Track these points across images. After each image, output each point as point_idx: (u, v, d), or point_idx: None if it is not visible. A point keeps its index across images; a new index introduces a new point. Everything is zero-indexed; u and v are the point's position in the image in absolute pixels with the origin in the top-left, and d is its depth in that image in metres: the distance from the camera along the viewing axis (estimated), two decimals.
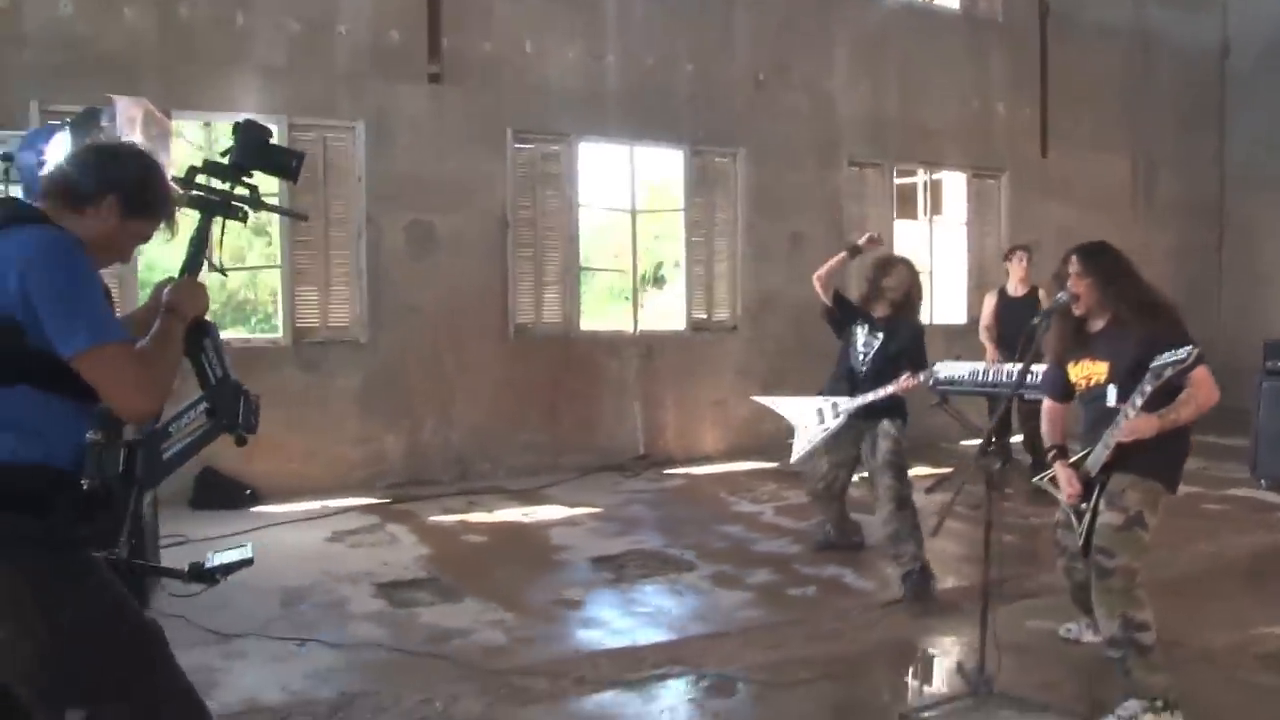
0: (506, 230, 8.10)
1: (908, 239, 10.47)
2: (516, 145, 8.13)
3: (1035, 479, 4.63)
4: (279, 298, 7.69)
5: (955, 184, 10.83)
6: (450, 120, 7.83)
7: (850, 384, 5.60)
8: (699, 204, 9.07)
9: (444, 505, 7.20)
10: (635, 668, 4.31)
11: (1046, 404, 4.41)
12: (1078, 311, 4.09)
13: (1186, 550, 6.13)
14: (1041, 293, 8.22)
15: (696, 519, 7.02)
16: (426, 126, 7.75)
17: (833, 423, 5.60)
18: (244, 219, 2.44)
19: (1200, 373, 3.78)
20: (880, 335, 5.57)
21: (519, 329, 8.25)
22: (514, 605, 5.11)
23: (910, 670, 4.56)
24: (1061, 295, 4.10)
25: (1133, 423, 3.73)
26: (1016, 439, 8.48)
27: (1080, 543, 4.08)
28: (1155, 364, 3.65)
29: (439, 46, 7.72)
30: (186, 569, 2.45)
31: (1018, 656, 4.14)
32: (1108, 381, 3.98)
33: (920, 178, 10.74)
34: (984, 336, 8.38)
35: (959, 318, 10.89)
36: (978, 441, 4.56)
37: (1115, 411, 3.87)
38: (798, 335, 9.52)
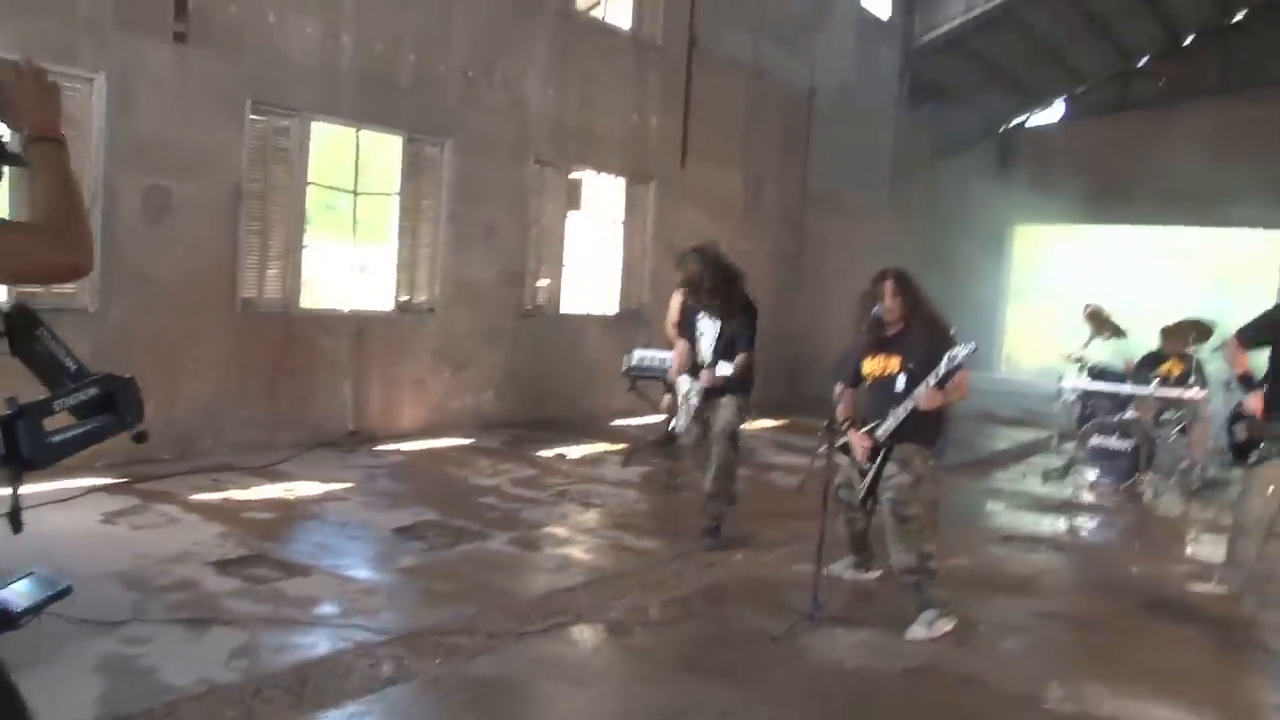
0: (239, 202, 7.93)
1: (576, 234, 11.46)
2: (253, 117, 7.96)
3: (818, 450, 5.92)
4: None
5: (616, 187, 11.97)
6: (194, 83, 7.52)
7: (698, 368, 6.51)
8: (410, 189, 9.37)
9: (190, 484, 6.99)
10: (530, 620, 4.87)
11: (840, 387, 5.62)
12: (888, 320, 5.32)
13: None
14: None
15: (448, 491, 7.48)
16: (170, 87, 7.39)
17: (694, 399, 6.47)
18: None
19: (963, 373, 5.16)
20: (718, 322, 6.47)
21: (245, 303, 8.10)
22: (365, 576, 5.39)
23: (748, 605, 5.46)
24: (878, 309, 5.30)
25: (929, 395, 5.05)
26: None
27: (861, 497, 5.39)
28: (950, 355, 4.98)
29: (185, 4, 7.39)
30: None
31: (804, 591, 5.26)
32: (898, 372, 5.27)
33: (584, 178, 11.78)
34: (671, 333, 9.47)
35: (612, 308, 12.10)
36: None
37: (903, 395, 5.16)
38: (486, 320, 10.19)
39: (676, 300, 9.49)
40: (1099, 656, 4.98)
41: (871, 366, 5.40)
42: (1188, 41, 19.77)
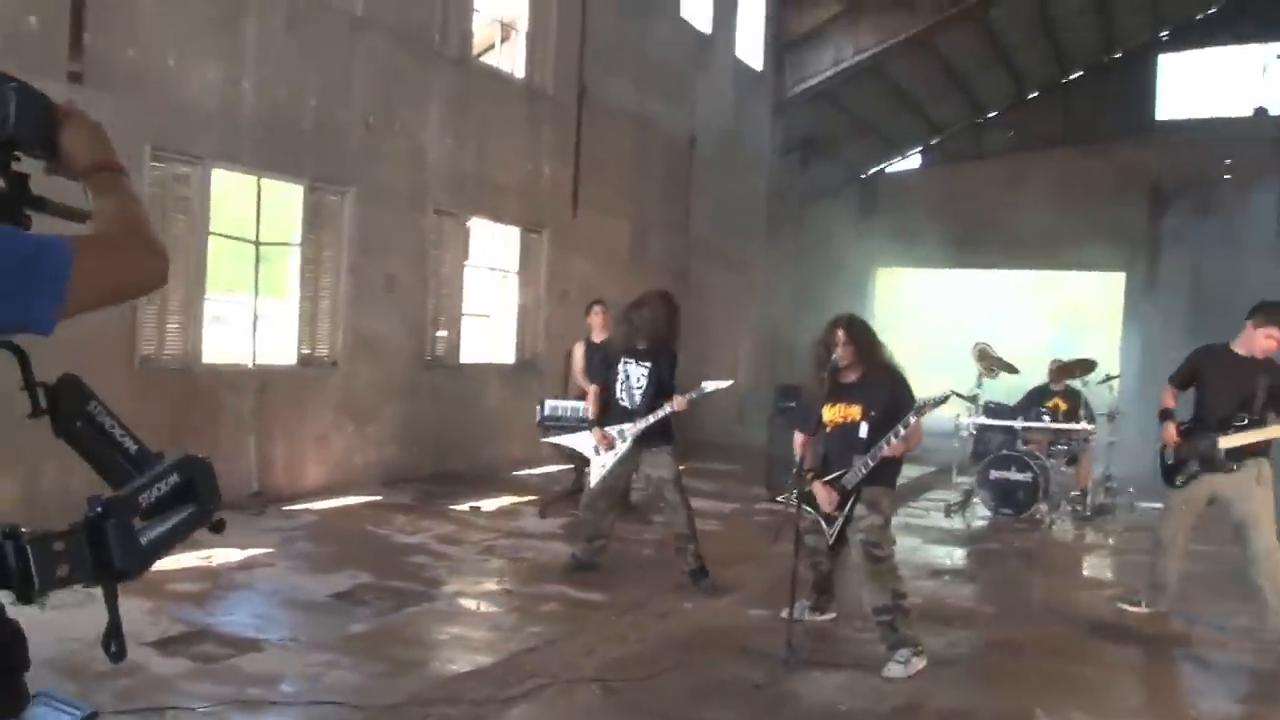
0: None
1: (475, 285, 11.30)
2: (152, 164, 7.58)
3: (779, 497, 5.98)
4: None
5: (510, 236, 11.86)
6: None
7: (625, 414, 6.41)
8: (311, 240, 9.07)
9: None
10: (508, 684, 4.70)
11: (800, 437, 5.67)
12: (843, 366, 5.39)
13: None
14: None
15: (375, 552, 7.20)
16: None
17: (622, 447, 6.37)
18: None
19: (920, 422, 5.28)
20: (647, 365, 6.43)
21: (144, 360, 7.65)
22: (321, 646, 5.11)
23: (717, 654, 5.39)
24: (835, 357, 5.36)
25: (896, 445, 5.14)
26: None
27: (830, 543, 5.44)
28: (917, 406, 5.09)
29: (81, 43, 6.99)
30: None
31: (774, 633, 5.29)
32: (860, 420, 5.34)
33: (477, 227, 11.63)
34: (582, 383, 9.38)
35: (509, 358, 11.95)
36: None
37: (866, 442, 5.24)
38: (387, 372, 9.91)
39: (580, 350, 9.47)
40: (1067, 682, 5.11)
41: (832, 414, 5.45)
42: (1032, 96, 20.99)
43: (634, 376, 6.54)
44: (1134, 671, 5.47)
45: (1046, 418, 10.08)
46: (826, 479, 5.43)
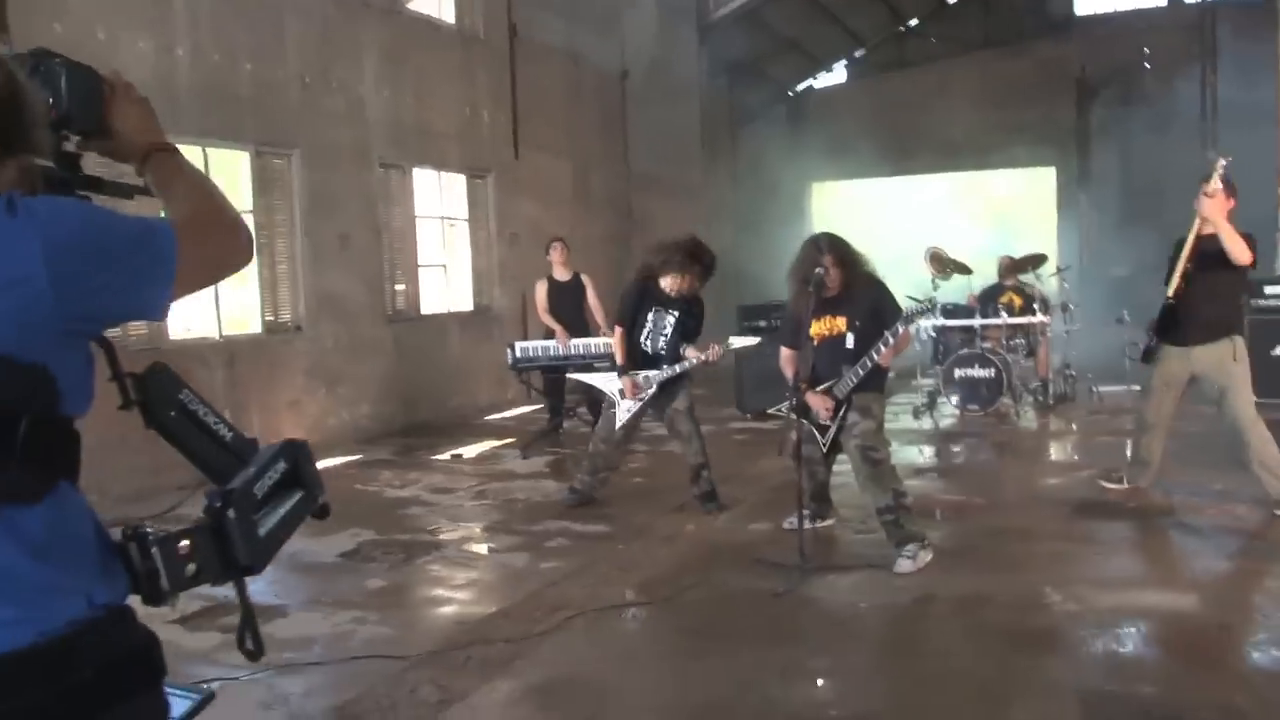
0: None
1: (427, 236, 11.20)
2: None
3: (772, 409, 6.19)
4: None
5: (456, 183, 11.75)
6: None
7: (647, 360, 6.49)
8: (262, 205, 8.92)
9: None
10: (536, 620, 4.78)
11: (786, 351, 5.79)
12: (829, 285, 5.48)
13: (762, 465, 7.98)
14: (584, 276, 9.57)
15: (371, 509, 7.20)
16: None
17: (649, 392, 6.46)
18: None
19: (907, 329, 5.41)
20: (676, 313, 6.49)
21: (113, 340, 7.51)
22: (344, 605, 5.15)
23: (729, 570, 5.51)
24: (819, 271, 5.45)
25: (885, 354, 5.30)
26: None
27: (824, 450, 5.60)
28: (905, 314, 5.23)
29: (5, 21, 6.75)
30: None
31: (778, 544, 5.48)
32: (846, 331, 5.47)
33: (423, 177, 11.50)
34: (547, 320, 9.45)
35: (467, 305, 11.91)
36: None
37: (854, 351, 5.38)
38: (351, 334, 9.85)
39: (542, 288, 9.49)
40: (1068, 560, 5.34)
41: (819, 328, 5.56)
42: (952, 1, 21.07)
43: (662, 324, 6.58)
44: (1127, 543, 5.72)
45: (1004, 313, 10.32)
46: (819, 389, 5.55)
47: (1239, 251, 5.65)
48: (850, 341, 5.47)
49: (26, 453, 1.30)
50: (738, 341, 6.93)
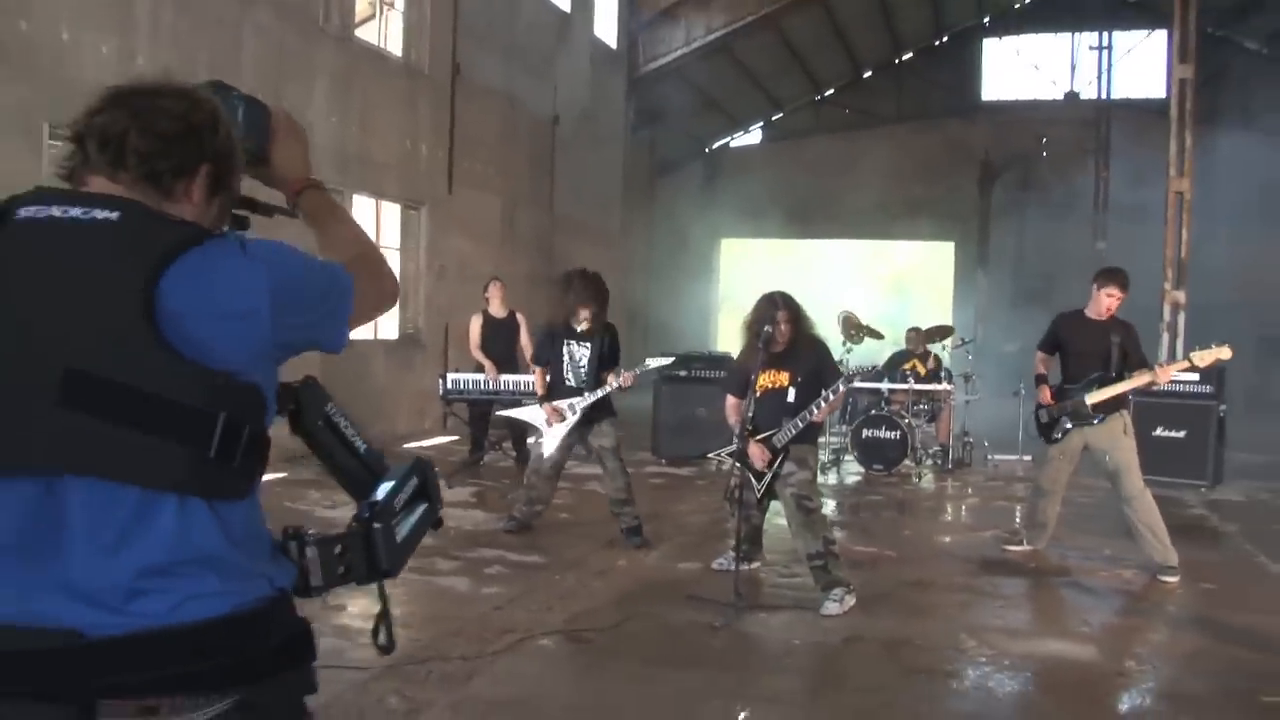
0: None
1: None
2: (51, 142, 7.39)
3: (712, 454, 6.57)
4: None
5: (393, 213, 11.92)
6: None
7: (570, 391, 6.75)
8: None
9: None
10: (488, 641, 5.01)
11: (731, 400, 6.16)
12: (778, 340, 5.89)
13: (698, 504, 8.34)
14: (519, 315, 9.85)
15: (319, 526, 7.18)
16: None
17: (571, 420, 6.72)
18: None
19: (845, 389, 5.88)
20: (588, 345, 6.78)
21: None
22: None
23: (667, 604, 5.77)
24: (768, 328, 5.86)
25: (823, 410, 5.77)
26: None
27: (759, 496, 5.97)
28: (846, 375, 5.71)
29: None
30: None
31: (707, 583, 5.84)
32: (789, 385, 5.88)
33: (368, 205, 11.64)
34: (478, 356, 9.67)
35: (393, 333, 12.03)
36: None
37: (794, 406, 5.79)
38: None
39: (476, 324, 9.72)
40: (977, 610, 5.81)
41: (764, 380, 5.96)
42: (868, 75, 22.12)
43: (577, 356, 6.89)
44: (1029, 598, 6.23)
45: (910, 379, 10.93)
46: (759, 438, 5.93)
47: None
48: (792, 395, 5.88)
49: (244, 458, 1.49)
50: (654, 362, 7.32)
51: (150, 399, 1.38)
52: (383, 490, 1.69)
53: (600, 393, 6.82)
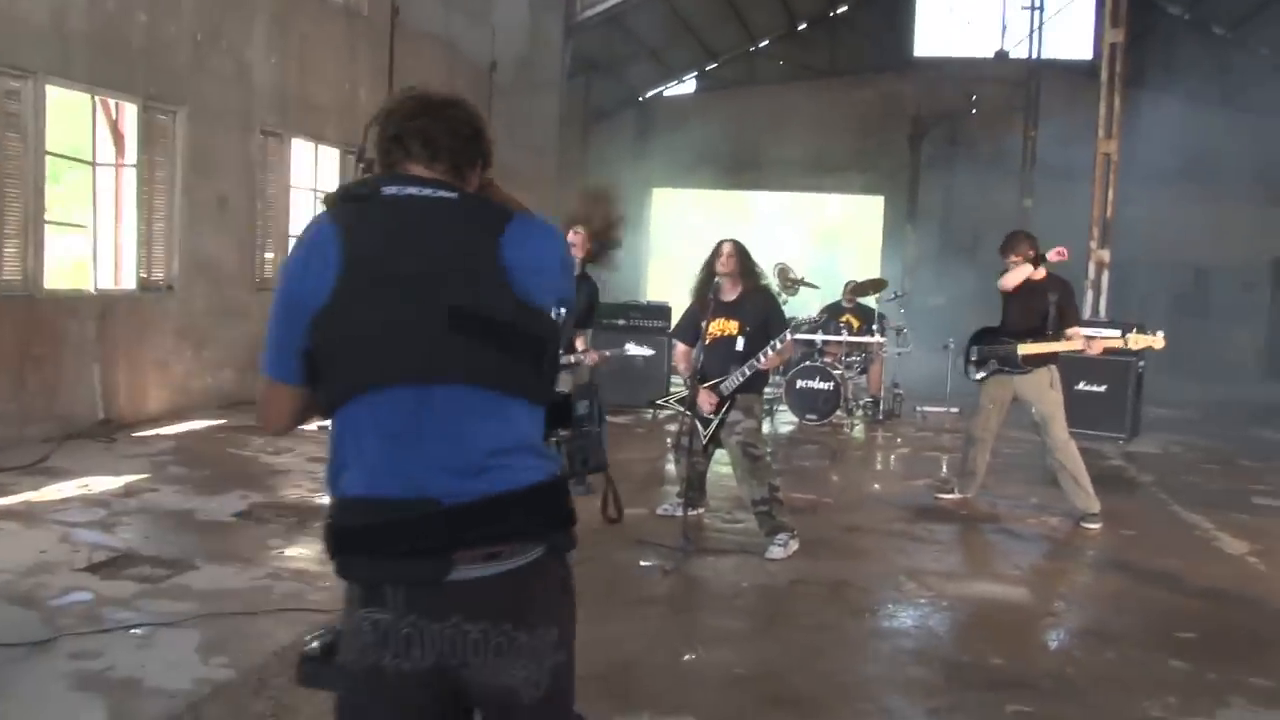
0: None
1: (301, 208, 11.20)
2: None
3: (660, 400, 6.74)
4: None
5: (331, 157, 11.77)
6: None
7: None
8: (145, 160, 8.81)
9: None
10: None
11: (681, 347, 6.32)
12: (726, 288, 6.05)
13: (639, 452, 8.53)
14: None
15: (253, 473, 7.35)
16: None
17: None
18: None
19: (792, 339, 6.08)
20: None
21: None
22: (253, 562, 5.34)
23: (617, 548, 5.95)
24: (718, 278, 6.02)
25: (771, 359, 5.96)
26: None
27: (704, 443, 6.16)
28: (793, 324, 5.89)
29: None
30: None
31: (654, 528, 6.03)
32: (738, 334, 6.06)
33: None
34: None
35: None
36: None
37: (743, 354, 5.98)
38: (222, 296, 9.82)
39: None
40: (913, 554, 6.10)
41: (714, 328, 6.13)
42: (802, 27, 22.19)
43: None
44: (963, 543, 6.55)
45: (844, 332, 11.20)
46: (706, 384, 6.12)
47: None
48: (740, 344, 6.05)
49: (549, 374, 1.95)
50: (633, 349, 7.40)
51: (506, 327, 1.85)
52: (581, 408, 2.14)
53: (569, 359, 6.66)
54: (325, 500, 1.97)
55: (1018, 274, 6.92)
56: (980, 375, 7.17)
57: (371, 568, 1.85)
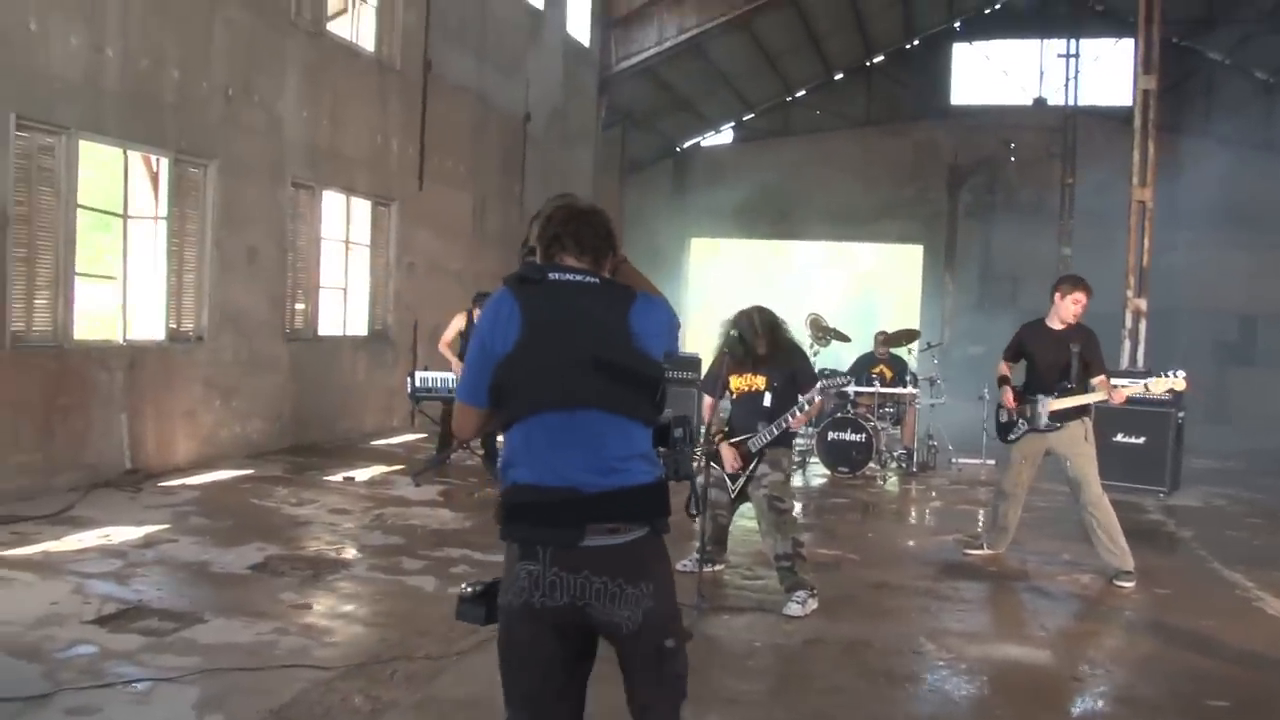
0: (5, 228, 7.28)
1: (329, 258, 11.30)
2: (17, 133, 7.34)
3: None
4: None
5: (363, 209, 11.89)
6: None
7: None
8: (176, 213, 8.93)
9: None
10: (453, 641, 5.02)
11: (707, 400, 6.24)
12: (759, 347, 5.97)
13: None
14: None
15: (272, 524, 7.32)
16: None
17: None
18: None
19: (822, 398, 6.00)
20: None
21: (15, 337, 7.43)
22: (263, 616, 5.29)
23: None
24: (733, 334, 5.96)
25: (800, 417, 5.88)
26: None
27: (731, 497, 6.06)
28: (822, 385, 5.82)
29: None
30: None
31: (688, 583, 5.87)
32: (764, 389, 5.97)
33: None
34: (447, 353, 9.58)
35: (362, 329, 12.02)
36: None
37: (770, 410, 5.88)
38: (251, 346, 9.89)
39: (460, 322, 9.69)
40: (937, 614, 5.91)
41: (739, 383, 6.05)
42: (839, 77, 22.25)
43: None
44: (988, 602, 6.34)
45: (876, 383, 11.05)
46: (733, 440, 6.03)
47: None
48: (768, 400, 5.97)
49: (659, 404, 2.64)
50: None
51: (631, 372, 2.58)
52: (677, 431, 2.77)
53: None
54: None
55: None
56: (1013, 437, 6.99)
57: (529, 532, 2.56)
